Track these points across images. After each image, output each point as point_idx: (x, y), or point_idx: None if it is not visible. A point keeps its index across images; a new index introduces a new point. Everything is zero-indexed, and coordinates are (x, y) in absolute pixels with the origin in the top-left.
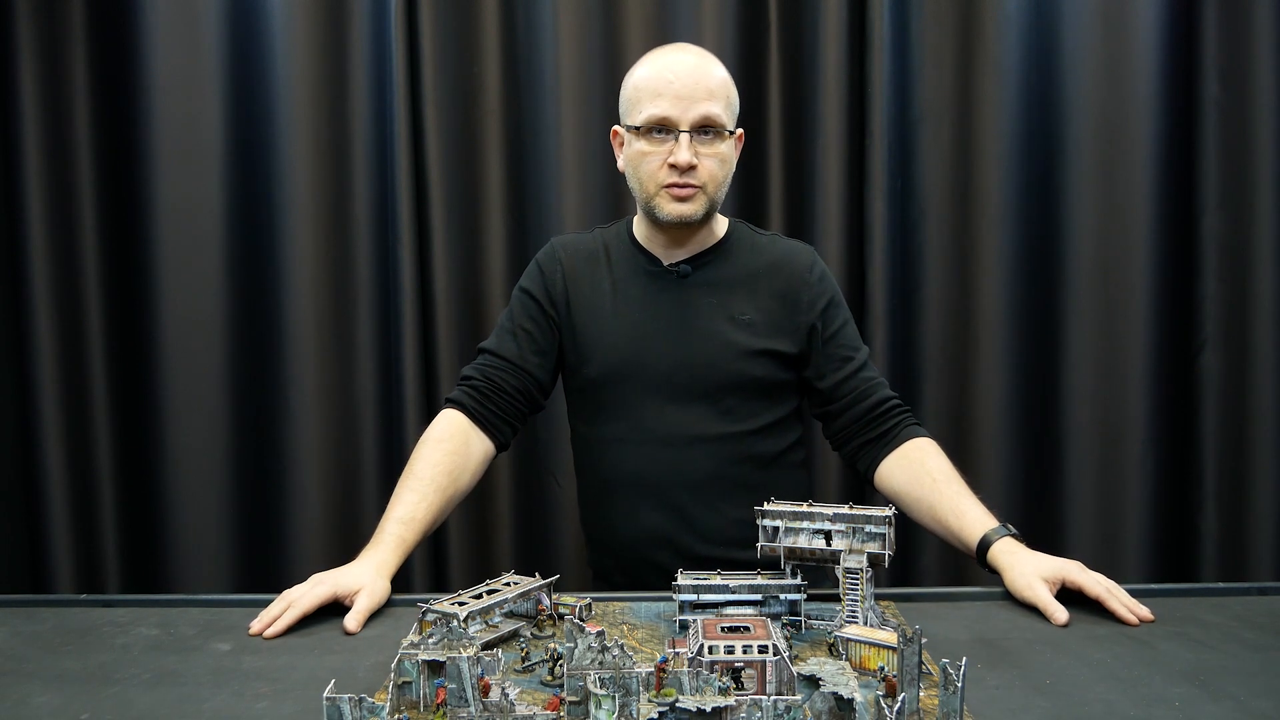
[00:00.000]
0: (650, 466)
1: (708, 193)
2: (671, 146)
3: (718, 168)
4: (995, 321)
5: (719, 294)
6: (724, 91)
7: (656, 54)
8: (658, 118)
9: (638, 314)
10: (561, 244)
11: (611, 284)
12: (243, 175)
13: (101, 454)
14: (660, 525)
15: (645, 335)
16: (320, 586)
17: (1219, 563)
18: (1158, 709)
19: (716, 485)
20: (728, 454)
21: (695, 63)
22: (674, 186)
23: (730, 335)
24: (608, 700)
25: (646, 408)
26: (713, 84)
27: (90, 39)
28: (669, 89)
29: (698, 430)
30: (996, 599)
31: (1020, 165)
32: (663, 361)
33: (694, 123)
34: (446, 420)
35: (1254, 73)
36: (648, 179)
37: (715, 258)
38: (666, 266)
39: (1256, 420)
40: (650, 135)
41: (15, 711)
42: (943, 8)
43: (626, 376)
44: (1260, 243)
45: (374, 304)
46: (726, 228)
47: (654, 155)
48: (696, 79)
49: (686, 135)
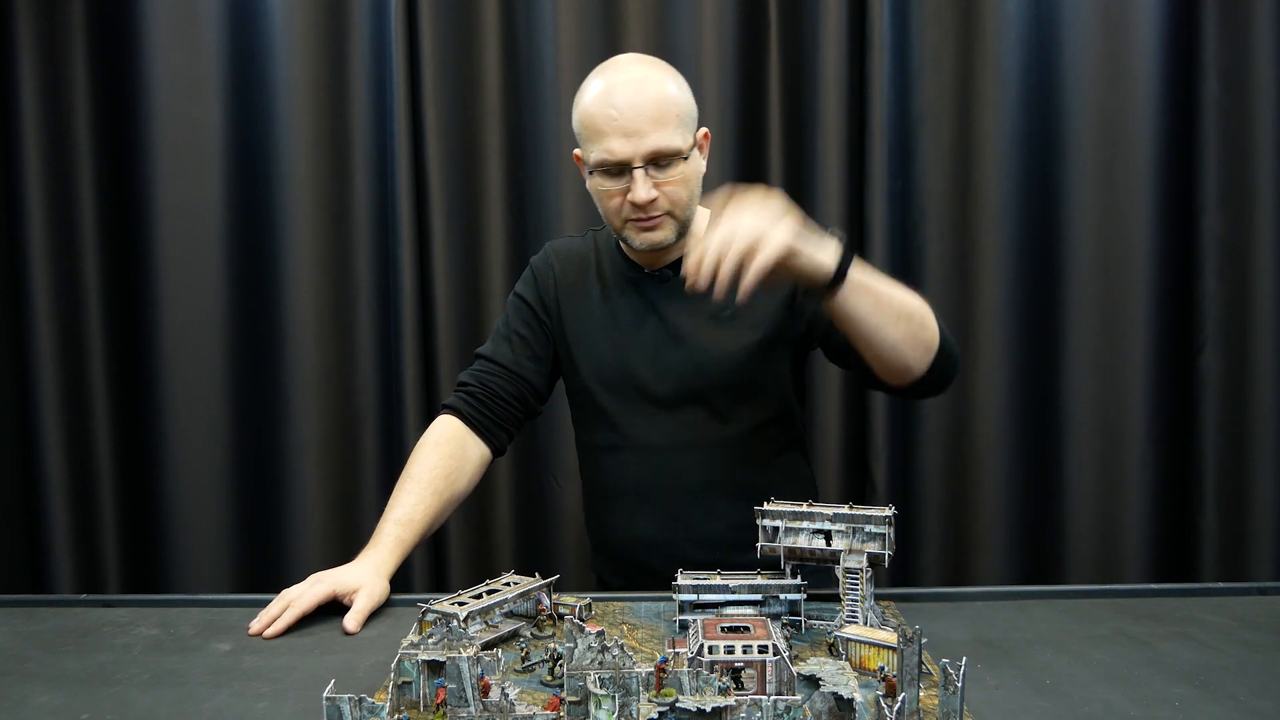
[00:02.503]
0: (645, 474)
1: (675, 216)
2: (628, 182)
3: (680, 191)
4: (995, 321)
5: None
6: (673, 112)
7: (600, 76)
8: (608, 160)
9: (625, 323)
10: (555, 249)
11: (601, 290)
12: (243, 175)
13: (101, 454)
14: (657, 532)
15: (633, 344)
16: (319, 585)
17: (1219, 563)
18: (1158, 709)
19: (712, 490)
20: (721, 458)
21: (637, 87)
22: (638, 220)
23: (713, 336)
24: (608, 700)
25: (638, 415)
26: (659, 109)
27: (90, 39)
28: (613, 126)
29: (689, 436)
30: (996, 599)
31: (1020, 165)
32: (651, 369)
33: (645, 157)
34: (443, 425)
35: (1254, 73)
36: (612, 215)
37: None
38: (648, 273)
39: (1256, 420)
40: (605, 174)
41: (15, 711)
42: (943, 8)
43: (615, 385)
44: (1260, 243)
45: (374, 304)
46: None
47: (613, 192)
48: (639, 109)
49: (641, 170)
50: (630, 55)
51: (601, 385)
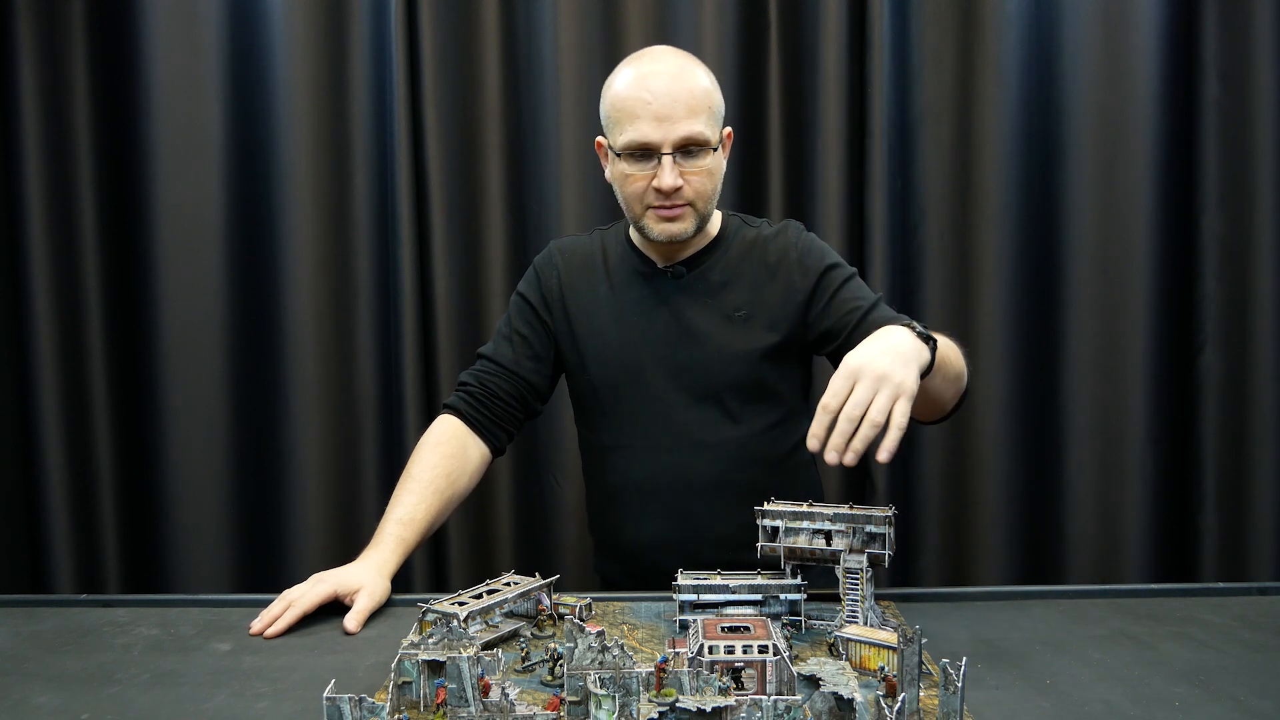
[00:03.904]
0: (656, 473)
1: (697, 209)
2: (655, 168)
3: (705, 182)
4: (995, 321)
5: (714, 293)
6: (705, 103)
7: (633, 64)
8: (638, 143)
9: (635, 318)
10: (559, 248)
11: (610, 287)
12: (243, 175)
13: (101, 454)
14: (668, 532)
15: (643, 340)
16: (320, 585)
17: (1219, 563)
18: (1158, 709)
19: (723, 490)
20: (733, 458)
21: (673, 76)
22: (661, 208)
23: (726, 336)
24: (608, 700)
25: (648, 413)
26: (693, 98)
27: (90, 39)
28: (647, 110)
29: (701, 435)
30: (997, 599)
31: (1020, 165)
32: (661, 366)
33: (676, 144)
34: (443, 425)
35: (1254, 73)
36: (634, 200)
37: (710, 256)
38: (661, 268)
39: (1256, 420)
40: (632, 158)
41: (15, 711)
42: (943, 8)
43: (626, 382)
44: (1260, 243)
45: (374, 304)
46: (720, 223)
47: (638, 177)
48: (674, 96)
49: (669, 157)
50: (665, 46)
51: (610, 381)
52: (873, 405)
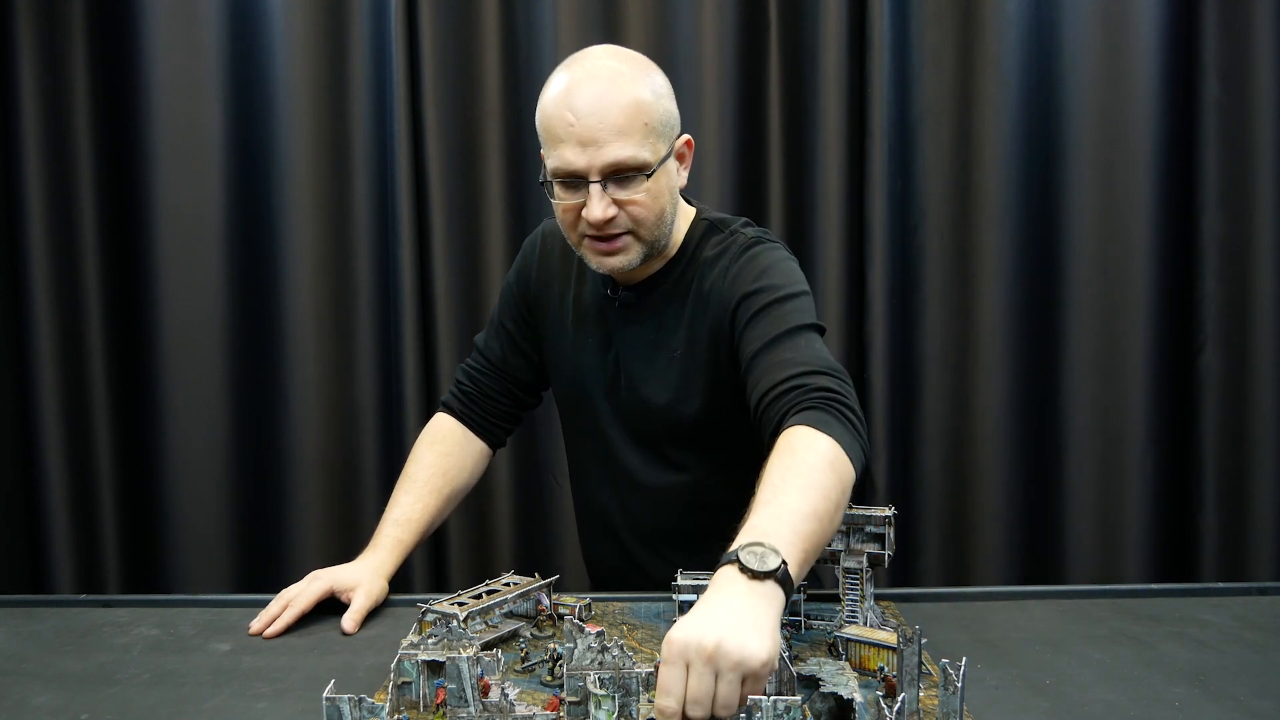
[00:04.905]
0: (604, 502)
1: (640, 236)
2: (584, 197)
3: (645, 209)
4: (995, 321)
5: (657, 327)
6: (639, 120)
7: (565, 71)
8: (563, 170)
9: (589, 341)
10: (546, 232)
11: (576, 297)
12: (243, 175)
13: (101, 454)
14: (613, 560)
15: (591, 369)
16: (317, 582)
17: (1219, 563)
18: (1158, 709)
19: (661, 534)
20: (671, 504)
21: (600, 92)
22: (596, 239)
23: (661, 383)
24: (608, 700)
25: (595, 444)
26: (623, 117)
27: (90, 39)
28: (570, 133)
29: (643, 478)
30: (996, 599)
31: (1020, 165)
32: (606, 402)
33: (603, 171)
34: (440, 423)
35: (1254, 73)
36: (569, 230)
37: (664, 282)
38: (609, 294)
39: (1256, 420)
40: (563, 185)
41: (15, 711)
42: (943, 8)
43: (578, 405)
44: (1260, 243)
45: (374, 304)
46: (685, 235)
47: (569, 206)
48: (601, 116)
49: (598, 185)
50: (603, 48)
51: (566, 399)
52: (717, 699)
